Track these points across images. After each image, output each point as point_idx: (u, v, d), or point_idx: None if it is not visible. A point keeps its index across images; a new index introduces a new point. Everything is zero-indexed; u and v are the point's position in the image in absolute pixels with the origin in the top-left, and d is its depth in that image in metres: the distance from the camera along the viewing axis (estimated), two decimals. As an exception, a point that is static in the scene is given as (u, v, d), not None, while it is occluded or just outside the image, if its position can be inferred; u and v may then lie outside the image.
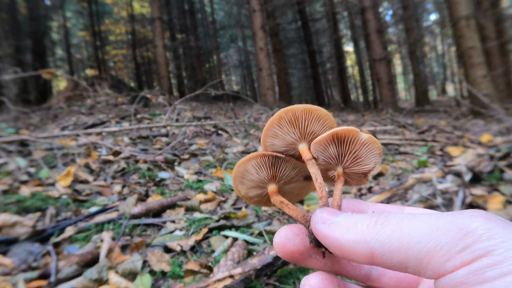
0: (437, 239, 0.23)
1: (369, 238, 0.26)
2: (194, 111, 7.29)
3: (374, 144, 0.41)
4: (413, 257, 0.23)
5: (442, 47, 30.00)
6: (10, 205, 1.98)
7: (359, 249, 0.26)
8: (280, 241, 0.35)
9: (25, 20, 15.69)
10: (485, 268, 0.20)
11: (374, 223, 0.27)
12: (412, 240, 0.24)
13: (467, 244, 0.21)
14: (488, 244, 0.21)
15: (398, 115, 8.65)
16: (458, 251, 0.21)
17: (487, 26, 9.49)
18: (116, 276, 1.34)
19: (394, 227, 0.25)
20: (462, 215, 0.23)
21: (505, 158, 2.58)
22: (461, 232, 0.22)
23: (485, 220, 0.22)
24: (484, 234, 0.21)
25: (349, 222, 0.28)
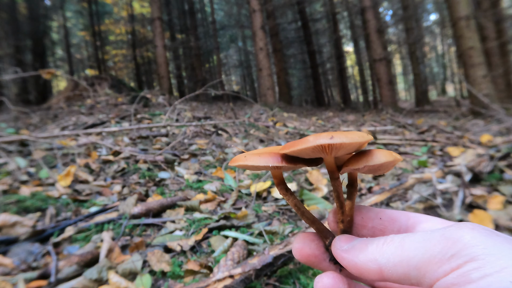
0: (431, 250, 0.27)
1: (377, 256, 0.31)
2: (194, 111, 7.29)
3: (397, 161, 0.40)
4: (414, 268, 0.28)
5: (442, 47, 30.01)
6: (10, 205, 1.98)
7: (370, 266, 0.31)
8: (298, 246, 0.40)
9: (25, 20, 15.68)
10: (471, 271, 0.24)
11: (382, 244, 0.32)
12: (411, 253, 0.28)
13: (455, 252, 0.25)
14: (472, 251, 0.25)
15: (398, 115, 8.66)
16: (448, 258, 0.26)
17: (487, 26, 9.49)
18: (116, 276, 1.34)
19: (397, 245, 0.30)
20: (451, 227, 0.28)
21: (505, 158, 2.58)
22: (449, 241, 0.26)
23: (469, 230, 0.26)
24: (469, 242, 0.25)
25: (362, 245, 0.34)
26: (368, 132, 4.45)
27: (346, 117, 9.10)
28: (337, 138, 0.35)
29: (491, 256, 0.24)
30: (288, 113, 8.92)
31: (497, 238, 0.25)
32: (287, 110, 10.78)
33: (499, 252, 0.24)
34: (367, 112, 11.41)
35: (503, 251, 0.24)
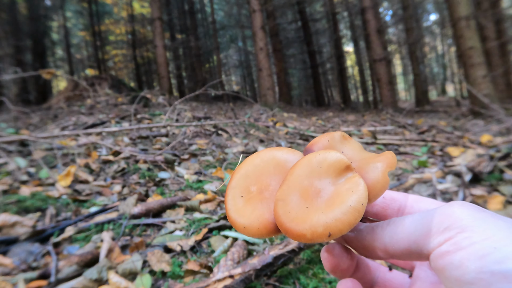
0: (427, 225, 0.31)
1: (382, 236, 0.34)
2: (194, 111, 7.29)
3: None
4: (413, 242, 0.32)
5: (442, 47, 30.00)
6: (10, 205, 1.98)
7: (375, 245, 0.35)
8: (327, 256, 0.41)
9: (25, 20, 15.68)
10: (462, 240, 0.28)
11: (386, 225, 0.35)
12: (410, 230, 0.32)
13: (448, 225, 0.30)
14: (462, 223, 0.29)
15: (398, 115, 8.66)
16: (442, 231, 0.30)
17: (487, 26, 9.49)
18: (116, 276, 1.34)
19: (398, 224, 0.34)
20: (444, 205, 0.32)
21: (505, 159, 2.58)
22: (443, 216, 0.30)
23: (460, 206, 0.31)
24: (459, 216, 0.30)
25: (367, 229, 0.37)
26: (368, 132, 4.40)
27: (346, 117, 9.10)
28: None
29: (478, 227, 0.28)
30: (288, 113, 8.92)
31: (483, 213, 0.30)
32: (287, 110, 10.78)
33: (485, 224, 0.28)
34: (367, 112, 11.41)
35: (489, 224, 0.28)
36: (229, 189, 0.40)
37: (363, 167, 0.37)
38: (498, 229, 0.27)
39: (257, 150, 3.72)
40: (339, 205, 0.32)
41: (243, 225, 0.36)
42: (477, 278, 0.26)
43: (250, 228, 0.36)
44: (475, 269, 0.26)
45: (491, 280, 0.25)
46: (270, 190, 0.39)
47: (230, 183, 0.41)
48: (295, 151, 0.42)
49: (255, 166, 0.41)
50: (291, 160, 0.41)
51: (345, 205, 0.32)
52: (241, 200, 0.39)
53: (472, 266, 0.26)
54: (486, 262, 0.26)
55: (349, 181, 0.35)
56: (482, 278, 0.25)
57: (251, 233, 0.36)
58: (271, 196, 0.38)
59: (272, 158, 0.41)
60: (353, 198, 0.32)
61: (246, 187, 0.40)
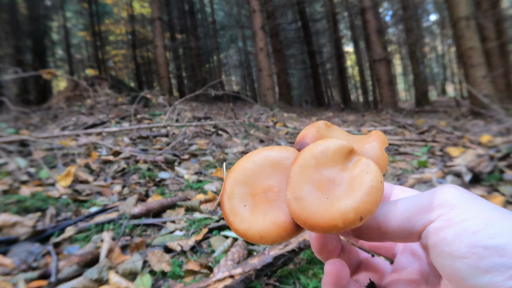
0: (420, 203, 0.33)
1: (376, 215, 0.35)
2: (194, 111, 7.29)
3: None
4: (406, 219, 0.33)
5: (442, 47, 30.00)
6: (10, 205, 1.98)
7: (370, 224, 0.35)
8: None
9: (25, 20, 15.69)
10: (454, 216, 0.29)
11: (380, 206, 0.35)
12: (403, 208, 0.33)
13: (440, 202, 0.31)
14: (455, 201, 0.30)
15: (398, 116, 8.66)
16: (435, 207, 0.31)
17: (487, 27, 9.49)
18: (116, 276, 1.34)
19: (392, 204, 0.35)
20: (437, 187, 0.34)
21: (505, 159, 2.58)
22: (436, 195, 0.32)
23: (452, 187, 0.32)
24: (451, 195, 0.31)
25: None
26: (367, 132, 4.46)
27: (346, 117, 9.10)
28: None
29: (469, 206, 0.30)
30: (288, 113, 8.92)
31: (475, 196, 0.32)
32: (287, 110, 10.78)
33: (476, 204, 0.30)
34: (367, 112, 11.41)
35: (479, 204, 0.30)
36: (226, 201, 0.36)
37: (360, 148, 0.38)
38: (487, 209, 0.29)
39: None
40: (360, 187, 0.32)
41: (259, 235, 0.33)
42: (470, 252, 0.27)
43: (268, 236, 0.33)
44: (469, 243, 0.27)
45: (483, 254, 0.26)
46: (275, 191, 0.36)
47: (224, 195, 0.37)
48: (287, 148, 0.39)
49: (249, 170, 0.38)
50: (287, 157, 0.38)
51: (366, 186, 0.32)
52: (245, 210, 0.35)
53: (466, 241, 0.27)
54: (479, 237, 0.27)
55: (358, 164, 0.34)
56: (475, 252, 0.27)
57: (270, 240, 0.33)
58: (278, 197, 0.36)
59: (266, 158, 0.38)
60: (371, 177, 0.33)
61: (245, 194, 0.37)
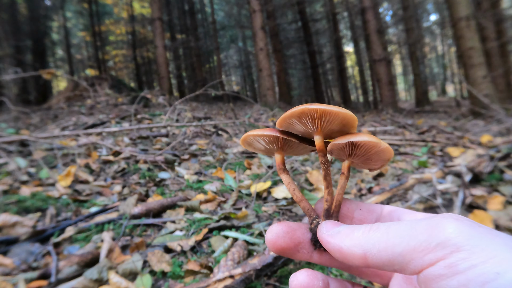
0: (416, 238, 0.28)
1: (363, 242, 0.31)
2: (194, 111, 7.29)
3: (388, 153, 0.43)
4: (398, 255, 0.28)
5: (442, 47, 30.00)
6: (11, 205, 1.98)
7: (355, 251, 0.32)
8: (272, 237, 0.39)
9: (25, 21, 15.70)
10: (458, 262, 0.25)
11: (368, 230, 0.32)
12: (396, 240, 0.29)
13: (440, 241, 0.26)
14: (457, 241, 0.25)
15: (398, 116, 8.65)
16: (434, 247, 0.26)
17: (487, 27, 9.49)
18: (116, 276, 1.34)
19: (383, 232, 0.31)
20: (436, 217, 0.29)
21: (505, 159, 2.58)
22: (435, 231, 0.27)
23: (454, 220, 0.27)
24: (453, 232, 0.26)
25: (348, 231, 0.34)
26: (368, 132, 4.43)
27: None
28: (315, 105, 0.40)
29: (476, 247, 0.25)
30: (288, 114, 8.89)
31: (480, 229, 0.26)
32: (287, 110, 10.76)
33: (483, 243, 0.25)
34: (367, 112, 11.41)
35: (487, 242, 0.25)
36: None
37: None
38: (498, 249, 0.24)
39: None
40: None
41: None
42: None
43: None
44: None
45: None
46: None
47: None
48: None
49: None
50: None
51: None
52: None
53: None
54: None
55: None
56: None
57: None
58: None
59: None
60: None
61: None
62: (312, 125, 0.44)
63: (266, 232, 0.40)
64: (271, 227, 0.40)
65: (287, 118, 0.43)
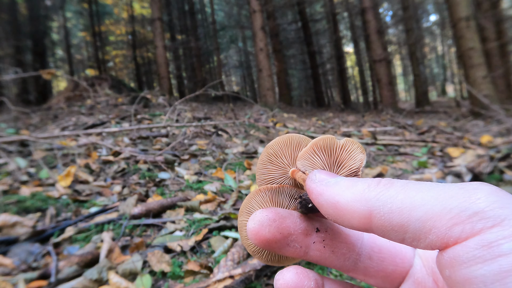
0: (445, 201, 0.21)
1: (370, 197, 0.24)
2: (194, 111, 7.30)
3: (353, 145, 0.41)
4: (416, 219, 0.21)
5: (442, 48, 30.03)
6: (10, 205, 1.98)
7: (356, 207, 0.24)
8: (254, 227, 0.30)
9: (26, 21, 15.71)
10: (501, 240, 0.18)
11: (376, 184, 0.25)
12: (416, 201, 0.22)
13: (478, 210, 0.20)
14: (501, 212, 0.19)
15: (398, 116, 8.66)
16: (469, 216, 0.20)
17: (487, 27, 9.50)
18: (116, 276, 1.34)
19: (398, 189, 0.23)
20: (472, 183, 0.22)
21: (505, 159, 2.58)
22: (473, 197, 0.21)
23: (495, 189, 0.21)
24: (496, 201, 0.20)
25: (349, 182, 0.27)
26: (367, 133, 4.40)
27: (346, 118, 9.10)
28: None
29: None
30: (288, 114, 8.92)
31: None
32: (287, 110, 10.78)
33: None
34: (367, 112, 11.41)
35: None
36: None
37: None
38: None
39: (257, 150, 3.72)
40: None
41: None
42: None
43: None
44: None
45: None
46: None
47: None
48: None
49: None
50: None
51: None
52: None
53: None
54: None
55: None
56: None
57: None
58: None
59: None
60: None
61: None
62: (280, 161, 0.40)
63: (248, 221, 0.31)
64: (253, 215, 0.31)
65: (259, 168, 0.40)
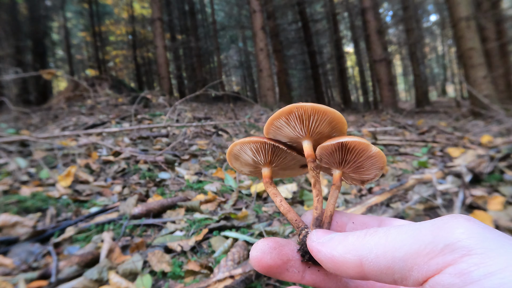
0: (420, 240, 0.24)
1: (358, 247, 0.27)
2: (194, 111, 7.30)
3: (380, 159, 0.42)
4: (399, 260, 0.24)
5: (442, 48, 30.02)
6: (11, 206, 1.98)
7: (348, 258, 0.28)
8: (257, 255, 0.35)
9: (26, 21, 15.71)
10: (471, 268, 0.21)
11: (364, 234, 0.28)
12: (397, 244, 0.25)
13: (448, 243, 0.22)
14: (468, 243, 0.22)
15: (398, 116, 8.66)
16: (441, 250, 0.22)
17: (487, 27, 9.49)
18: (116, 276, 1.34)
19: (381, 235, 0.27)
20: (443, 218, 0.25)
21: (505, 159, 2.58)
22: (442, 231, 0.23)
23: (464, 220, 0.24)
24: (464, 233, 0.22)
25: (341, 237, 0.30)
26: (368, 133, 4.41)
27: (346, 118, 9.07)
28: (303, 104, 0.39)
29: (491, 251, 0.21)
30: (288, 114, 8.90)
31: (494, 232, 0.23)
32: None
33: (499, 247, 0.21)
34: (368, 112, 11.41)
35: (503, 246, 0.21)
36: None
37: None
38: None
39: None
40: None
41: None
42: None
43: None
44: None
45: None
46: None
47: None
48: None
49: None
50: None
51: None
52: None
53: None
54: None
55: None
56: None
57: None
58: None
59: None
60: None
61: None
62: (301, 127, 0.42)
63: (251, 249, 0.36)
64: (255, 244, 0.36)
65: (275, 118, 0.42)
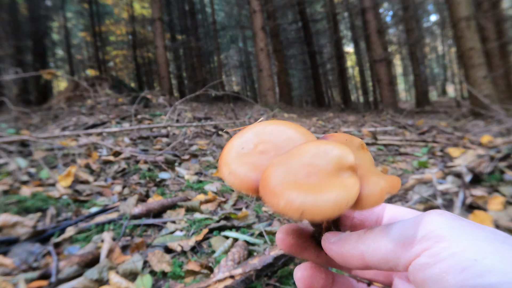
0: (405, 233, 0.31)
1: (359, 243, 0.34)
2: (194, 111, 7.30)
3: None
4: (390, 251, 0.31)
5: (442, 48, 30.00)
6: (11, 206, 1.98)
7: (353, 253, 0.34)
8: (281, 236, 0.42)
9: (26, 21, 15.71)
10: (440, 250, 0.27)
11: (363, 233, 0.35)
12: (388, 238, 0.32)
13: (425, 233, 0.29)
14: (440, 232, 0.28)
15: (398, 116, 8.65)
16: (419, 240, 0.29)
17: (488, 27, 9.49)
18: (116, 276, 1.34)
19: (376, 232, 0.33)
20: (422, 214, 0.32)
21: (506, 159, 2.58)
22: (420, 225, 0.30)
23: (438, 215, 0.31)
24: (437, 225, 0.29)
25: (346, 237, 0.37)
26: (368, 133, 4.40)
27: (346, 118, 9.10)
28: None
29: (456, 237, 0.28)
30: (289, 114, 8.92)
31: (462, 222, 0.29)
32: (288, 110, 10.78)
33: (464, 234, 0.28)
34: (368, 112, 11.41)
35: (467, 233, 0.28)
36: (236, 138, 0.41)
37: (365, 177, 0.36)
38: (477, 239, 0.27)
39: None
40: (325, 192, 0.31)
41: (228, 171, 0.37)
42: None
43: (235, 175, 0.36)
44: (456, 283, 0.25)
45: None
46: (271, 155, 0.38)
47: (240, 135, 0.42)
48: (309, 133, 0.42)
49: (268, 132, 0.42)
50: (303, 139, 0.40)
51: (331, 195, 0.31)
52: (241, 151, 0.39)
53: (453, 280, 0.25)
54: (467, 276, 0.25)
55: (347, 179, 0.34)
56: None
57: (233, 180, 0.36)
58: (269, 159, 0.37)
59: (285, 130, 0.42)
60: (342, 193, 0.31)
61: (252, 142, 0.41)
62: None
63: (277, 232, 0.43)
64: (281, 228, 0.43)
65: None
